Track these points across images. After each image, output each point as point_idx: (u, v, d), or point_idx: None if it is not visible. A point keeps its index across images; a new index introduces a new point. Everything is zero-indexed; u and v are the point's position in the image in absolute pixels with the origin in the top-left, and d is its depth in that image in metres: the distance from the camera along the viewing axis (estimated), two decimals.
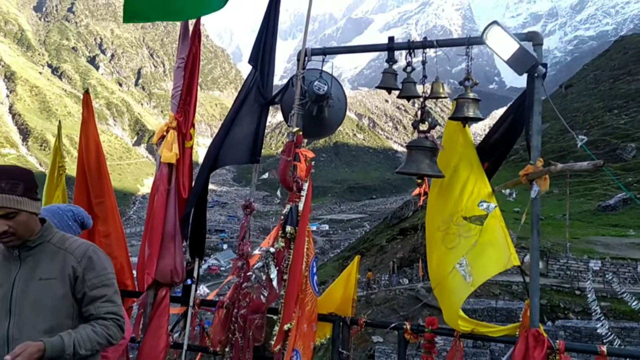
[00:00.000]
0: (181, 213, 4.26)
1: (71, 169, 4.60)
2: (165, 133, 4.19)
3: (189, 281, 4.26)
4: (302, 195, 4.09)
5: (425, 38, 4.04)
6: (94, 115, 4.27)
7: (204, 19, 4.51)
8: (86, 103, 4.13)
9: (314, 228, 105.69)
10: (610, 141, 38.24)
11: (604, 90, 60.76)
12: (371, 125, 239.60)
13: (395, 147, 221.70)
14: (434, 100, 4.24)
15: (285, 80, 4.51)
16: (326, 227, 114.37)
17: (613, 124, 43.34)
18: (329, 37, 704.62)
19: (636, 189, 26.41)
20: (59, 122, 4.69)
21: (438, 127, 4.15)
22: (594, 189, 30.83)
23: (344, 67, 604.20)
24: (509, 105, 4.17)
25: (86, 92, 4.08)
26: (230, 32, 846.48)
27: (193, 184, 4.36)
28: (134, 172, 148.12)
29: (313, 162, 4.15)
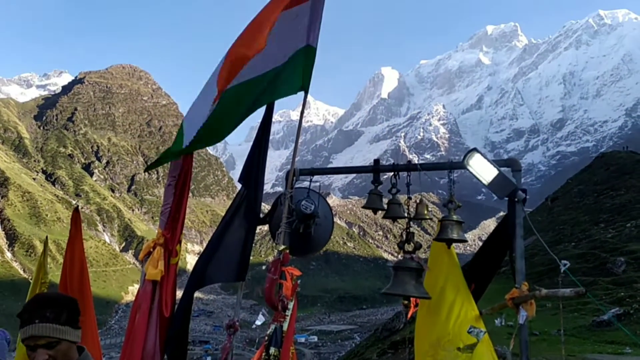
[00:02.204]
0: (162, 332, 4.15)
1: (55, 275, 4.54)
2: (151, 249, 4.19)
3: None
4: (287, 315, 4.02)
5: (409, 161, 4.21)
6: (82, 233, 4.30)
7: None
8: (75, 220, 4.17)
9: (303, 340, 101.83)
10: (599, 255, 38.26)
11: (589, 204, 61.93)
12: (361, 233, 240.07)
13: (386, 256, 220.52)
14: (419, 220, 4.33)
15: (277, 189, 4.59)
16: (315, 338, 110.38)
17: (601, 237, 43.64)
18: (320, 148, 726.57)
19: (628, 304, 26.03)
20: (46, 237, 4.69)
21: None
22: (587, 304, 30.31)
23: (334, 175, 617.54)
24: (496, 221, 4.26)
25: (75, 210, 4.13)
26: (224, 141, 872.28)
27: (177, 304, 4.29)
28: (119, 279, 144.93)
29: (303, 271, 4.13)
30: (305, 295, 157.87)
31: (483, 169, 3.75)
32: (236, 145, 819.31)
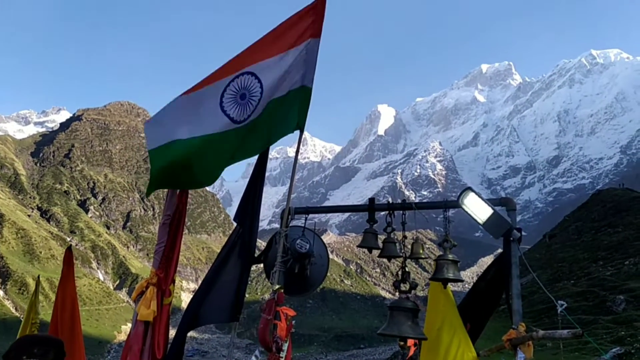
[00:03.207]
0: None
1: (47, 314, 4.46)
2: (144, 289, 4.15)
3: None
4: (282, 357, 3.95)
5: (404, 200, 4.22)
6: (74, 273, 4.25)
7: None
8: (67, 260, 4.13)
9: None
10: (599, 293, 38.02)
11: (587, 241, 61.83)
12: (359, 271, 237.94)
13: (383, 293, 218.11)
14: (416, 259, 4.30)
15: (274, 225, 4.58)
16: None
17: (599, 275, 43.46)
18: (317, 184, 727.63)
19: (629, 343, 25.73)
20: (38, 277, 4.64)
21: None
22: (588, 343, 29.93)
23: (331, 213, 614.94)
24: (492, 260, 4.25)
25: (68, 249, 4.10)
26: (221, 178, 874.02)
27: (169, 345, 4.22)
28: (112, 318, 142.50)
29: (299, 309, 4.09)
30: (301, 334, 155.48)
31: (478, 208, 3.75)
32: (233, 182, 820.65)
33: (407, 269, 4.20)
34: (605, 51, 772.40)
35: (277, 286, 4.10)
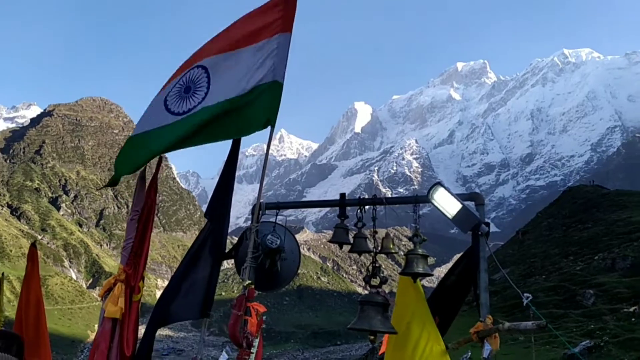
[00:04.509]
0: None
1: (15, 312, 4.38)
2: (112, 286, 4.08)
3: None
4: (252, 352, 3.93)
5: (374, 195, 4.23)
6: (39, 269, 4.16)
7: (172, 161, 4.78)
8: (31, 256, 4.03)
9: None
10: (569, 287, 38.80)
11: (558, 237, 63.04)
12: (335, 268, 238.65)
13: (360, 290, 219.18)
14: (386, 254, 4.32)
15: (249, 223, 4.59)
16: None
17: (570, 270, 44.34)
18: (293, 182, 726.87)
19: (599, 336, 26.32)
20: (2, 274, 4.53)
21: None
22: (558, 336, 30.51)
23: (308, 210, 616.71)
24: (456, 259, 4.30)
25: (32, 245, 4.01)
26: (197, 175, 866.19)
27: (139, 342, 4.16)
28: (85, 317, 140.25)
29: (276, 307, 4.07)
30: (278, 331, 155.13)
31: (447, 203, 3.78)
32: (209, 179, 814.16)
33: (379, 264, 4.22)
34: (577, 50, 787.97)
35: (248, 282, 4.07)
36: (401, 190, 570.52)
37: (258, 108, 4.22)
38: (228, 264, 4.44)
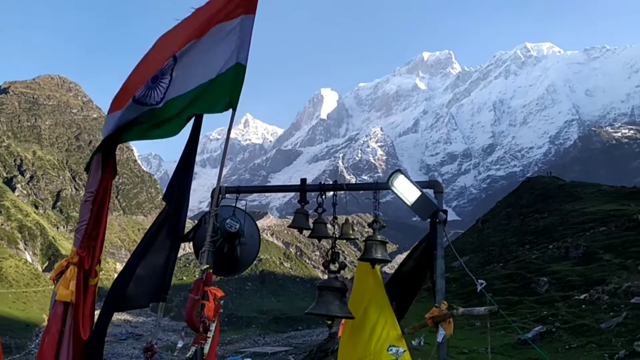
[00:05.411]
0: (78, 356, 3.92)
1: None
2: (64, 269, 3.97)
3: None
4: (209, 337, 3.90)
5: (335, 181, 4.23)
6: None
7: (133, 144, 4.69)
8: None
9: None
10: (525, 275, 39.86)
11: (516, 226, 64.66)
12: (298, 254, 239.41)
13: (322, 276, 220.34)
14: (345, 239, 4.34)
15: None
16: None
17: (526, 258, 45.52)
18: (258, 167, 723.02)
19: (551, 322, 27.17)
20: None
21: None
22: (514, 322, 31.38)
23: (272, 195, 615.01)
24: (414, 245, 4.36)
25: None
26: (159, 158, 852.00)
27: (94, 325, 4.07)
28: (41, 301, 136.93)
29: (238, 292, 4.05)
30: (239, 316, 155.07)
31: (406, 190, 3.81)
32: (171, 162, 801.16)
33: (338, 250, 4.23)
34: (539, 44, 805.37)
35: (206, 266, 4.03)
36: (365, 177, 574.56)
37: (220, 90, 4.15)
38: (190, 249, 4.39)
